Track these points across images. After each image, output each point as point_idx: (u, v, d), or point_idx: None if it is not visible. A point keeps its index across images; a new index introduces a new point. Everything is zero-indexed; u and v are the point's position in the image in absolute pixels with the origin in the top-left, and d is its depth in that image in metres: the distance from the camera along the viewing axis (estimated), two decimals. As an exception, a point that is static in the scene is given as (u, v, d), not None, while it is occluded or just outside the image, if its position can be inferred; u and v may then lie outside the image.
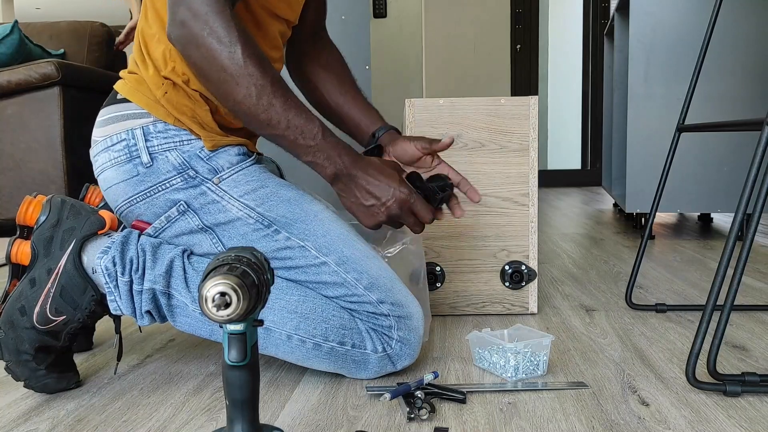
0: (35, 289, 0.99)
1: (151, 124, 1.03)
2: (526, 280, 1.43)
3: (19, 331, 0.98)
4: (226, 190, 1.03)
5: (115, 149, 1.04)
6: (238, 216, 1.03)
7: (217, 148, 1.04)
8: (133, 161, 1.03)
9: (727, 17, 2.42)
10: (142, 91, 1.05)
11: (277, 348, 1.01)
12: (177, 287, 1.00)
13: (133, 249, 1.00)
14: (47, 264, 1.00)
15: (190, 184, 1.03)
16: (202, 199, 1.03)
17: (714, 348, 0.96)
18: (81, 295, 0.99)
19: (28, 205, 1.03)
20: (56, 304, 0.98)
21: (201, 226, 1.04)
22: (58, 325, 0.99)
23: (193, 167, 1.03)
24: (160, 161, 1.03)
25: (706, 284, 1.74)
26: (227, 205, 1.03)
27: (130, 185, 1.04)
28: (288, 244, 1.03)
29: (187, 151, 1.03)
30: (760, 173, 0.95)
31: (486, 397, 0.97)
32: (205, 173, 1.03)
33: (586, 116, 5.52)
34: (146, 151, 1.03)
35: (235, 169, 1.04)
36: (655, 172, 2.50)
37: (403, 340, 1.04)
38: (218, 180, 1.03)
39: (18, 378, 0.99)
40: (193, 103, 1.04)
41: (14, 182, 2.51)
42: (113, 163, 1.04)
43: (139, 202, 1.04)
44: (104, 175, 1.06)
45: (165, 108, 1.03)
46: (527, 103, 1.40)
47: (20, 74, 2.44)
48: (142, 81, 1.05)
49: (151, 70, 1.04)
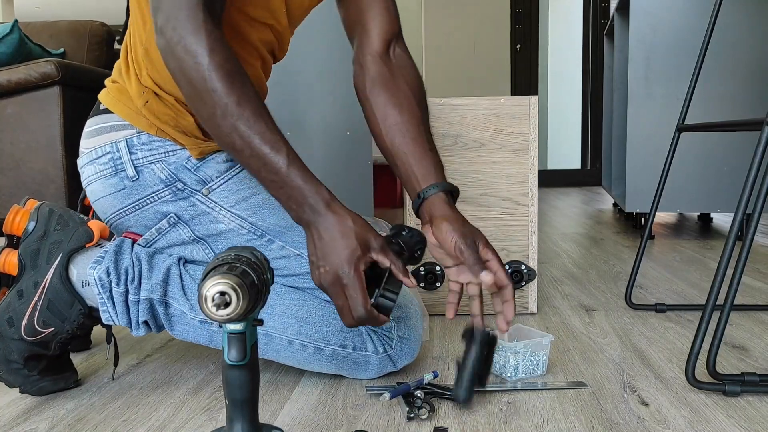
0: (23, 302, 0.97)
1: (134, 136, 1.01)
2: (526, 279, 1.43)
3: (7, 341, 0.97)
4: (217, 201, 1.01)
5: (101, 162, 1.02)
6: (230, 227, 1.02)
7: (205, 155, 1.02)
8: (119, 174, 1.01)
9: (727, 17, 2.42)
10: (124, 102, 1.02)
11: (278, 353, 1.01)
12: (174, 296, 0.99)
13: (128, 258, 0.98)
14: (34, 277, 0.98)
15: (179, 196, 1.01)
16: (192, 211, 1.02)
17: (713, 348, 0.96)
18: (68, 308, 0.98)
19: (15, 214, 1.01)
20: (44, 316, 0.97)
21: (193, 237, 1.03)
22: (46, 336, 0.98)
23: (181, 179, 1.01)
24: (146, 174, 1.01)
25: (706, 284, 1.74)
26: (218, 216, 1.01)
27: (117, 198, 1.03)
28: (283, 253, 1.02)
29: (173, 163, 1.01)
30: (760, 173, 0.95)
31: (486, 397, 0.97)
32: (194, 185, 1.01)
33: (586, 116, 5.52)
34: (131, 165, 1.01)
35: (224, 178, 1.02)
36: (655, 171, 2.50)
37: (404, 340, 1.03)
38: (207, 191, 1.01)
39: (12, 385, 0.98)
40: (175, 112, 1.00)
41: (14, 182, 2.51)
42: (99, 176, 1.03)
43: (129, 215, 1.03)
44: (91, 187, 1.05)
45: (147, 119, 1.00)
46: (527, 102, 1.40)
47: (20, 73, 2.44)
48: (123, 90, 1.03)
49: (133, 78, 1.01)
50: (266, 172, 0.85)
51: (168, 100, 1.00)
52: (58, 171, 2.47)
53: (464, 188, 1.42)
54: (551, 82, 5.66)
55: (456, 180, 1.41)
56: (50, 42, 2.99)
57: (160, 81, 1.00)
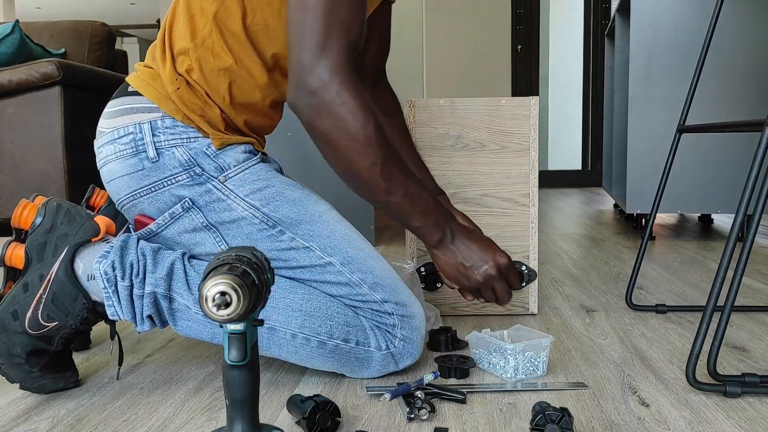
0: (28, 295, 0.98)
1: (159, 119, 1.03)
2: (527, 280, 1.43)
3: (11, 335, 0.97)
4: (232, 189, 1.03)
5: (122, 142, 1.04)
6: (243, 215, 1.03)
7: (225, 146, 1.04)
8: (139, 155, 1.03)
9: (727, 18, 2.42)
10: (155, 86, 1.04)
11: (280, 348, 1.01)
12: (178, 290, 0.99)
13: (133, 253, 0.99)
14: (40, 270, 0.99)
15: (196, 181, 1.03)
16: (208, 197, 1.03)
17: (714, 349, 0.96)
18: (72, 302, 0.98)
19: (23, 208, 1.02)
20: (48, 310, 0.97)
21: (205, 223, 1.04)
22: (50, 330, 0.98)
23: (200, 164, 1.03)
24: (167, 157, 1.02)
25: (707, 285, 1.74)
26: (232, 204, 1.03)
27: (134, 179, 1.03)
28: (293, 245, 1.03)
29: (194, 148, 1.03)
30: (761, 174, 0.95)
31: (486, 398, 0.97)
32: (212, 171, 1.03)
33: (586, 117, 5.52)
34: (153, 146, 1.02)
35: (241, 167, 1.04)
36: (655, 172, 2.50)
37: (407, 339, 1.04)
38: (224, 178, 1.03)
39: (12, 380, 0.98)
40: (203, 103, 1.04)
41: (15, 182, 2.51)
42: (118, 156, 1.04)
43: (143, 197, 1.04)
44: (108, 167, 1.06)
45: (175, 104, 1.03)
46: (528, 103, 1.40)
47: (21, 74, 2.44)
48: (156, 76, 1.05)
49: (168, 65, 1.04)
50: (419, 206, 1.00)
51: (199, 92, 1.03)
52: (59, 171, 2.48)
53: (465, 189, 1.42)
54: (552, 83, 5.67)
55: (457, 181, 1.42)
56: (51, 42, 3.00)
57: (210, 80, 1.04)
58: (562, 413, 0.79)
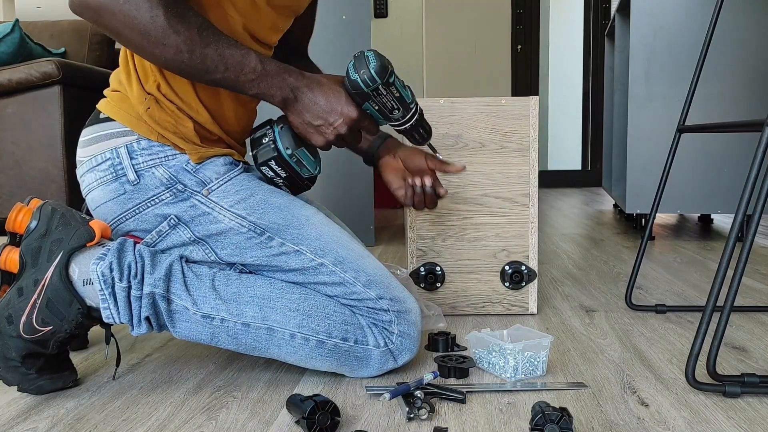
0: (22, 299, 0.97)
1: (134, 142, 1.03)
2: (526, 280, 1.43)
3: (5, 339, 0.97)
4: (216, 201, 1.03)
5: (101, 168, 1.04)
6: (230, 226, 1.03)
7: (203, 160, 1.04)
8: (120, 179, 1.03)
9: (727, 18, 2.42)
10: (125, 109, 1.04)
11: (279, 348, 1.01)
12: (177, 291, 0.99)
13: (131, 255, 0.99)
14: (34, 274, 0.99)
15: (180, 198, 1.03)
16: (193, 212, 1.03)
17: (714, 349, 0.96)
18: (67, 307, 0.98)
19: (18, 212, 1.02)
20: (42, 315, 0.97)
21: (193, 238, 1.04)
22: (45, 335, 0.98)
23: (181, 181, 1.03)
24: (147, 178, 1.03)
25: (706, 285, 1.74)
26: (218, 216, 1.03)
27: (117, 203, 1.04)
28: (283, 250, 1.03)
29: (174, 166, 1.03)
30: (761, 174, 0.95)
31: (485, 398, 0.97)
32: (194, 186, 1.03)
33: (586, 117, 5.52)
34: (132, 169, 1.03)
35: (223, 179, 1.04)
36: (655, 172, 2.50)
37: (404, 335, 1.04)
38: (207, 192, 1.03)
39: (10, 383, 0.98)
40: (175, 119, 1.03)
41: (15, 181, 2.51)
42: (99, 183, 1.04)
43: (128, 220, 1.04)
44: (92, 195, 1.06)
45: (147, 124, 1.03)
46: (528, 103, 1.40)
47: (21, 73, 2.44)
48: (125, 98, 1.05)
49: (135, 85, 1.03)
50: (245, 74, 0.95)
51: (169, 108, 1.03)
52: (59, 170, 2.47)
53: (465, 189, 1.42)
54: (552, 83, 5.66)
55: (456, 180, 1.42)
56: (51, 41, 2.99)
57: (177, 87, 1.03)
58: (561, 413, 0.79)
